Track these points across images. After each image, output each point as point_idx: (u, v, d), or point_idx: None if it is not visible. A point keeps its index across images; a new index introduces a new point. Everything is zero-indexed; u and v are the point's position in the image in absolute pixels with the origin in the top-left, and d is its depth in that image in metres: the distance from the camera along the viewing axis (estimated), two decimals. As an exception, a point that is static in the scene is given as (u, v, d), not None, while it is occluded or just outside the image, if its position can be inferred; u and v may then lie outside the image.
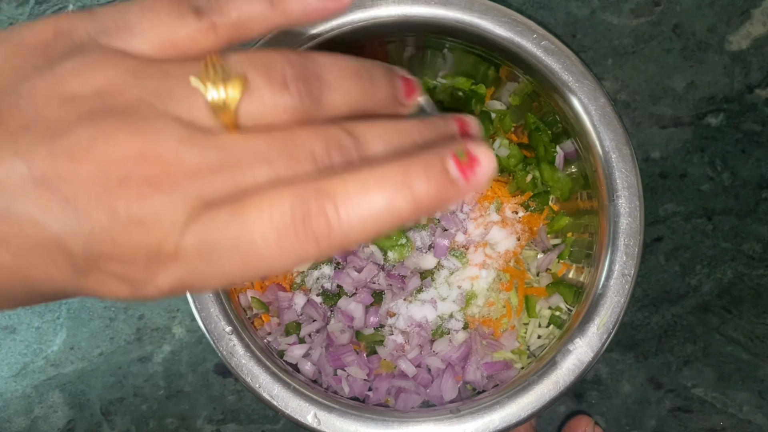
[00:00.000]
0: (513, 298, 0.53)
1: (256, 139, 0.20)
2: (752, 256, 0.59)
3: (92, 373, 0.60)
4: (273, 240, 0.19)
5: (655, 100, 0.61)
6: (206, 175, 0.19)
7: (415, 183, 0.19)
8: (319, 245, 0.19)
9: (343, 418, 0.45)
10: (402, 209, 0.19)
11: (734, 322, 0.59)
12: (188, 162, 0.19)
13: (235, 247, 0.19)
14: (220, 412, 0.60)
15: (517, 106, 0.56)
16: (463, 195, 0.20)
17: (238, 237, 0.19)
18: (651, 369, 0.59)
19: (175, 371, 0.60)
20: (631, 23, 0.61)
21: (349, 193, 0.19)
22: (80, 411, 0.60)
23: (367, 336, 0.53)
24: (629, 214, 0.46)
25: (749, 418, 0.58)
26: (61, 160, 0.18)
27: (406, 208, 0.19)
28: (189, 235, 0.19)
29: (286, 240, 0.19)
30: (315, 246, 0.19)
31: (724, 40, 0.61)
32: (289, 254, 0.19)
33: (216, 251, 0.19)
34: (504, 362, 0.51)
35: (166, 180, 0.19)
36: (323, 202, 0.19)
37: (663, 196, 0.60)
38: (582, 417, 0.56)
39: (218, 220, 0.19)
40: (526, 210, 0.55)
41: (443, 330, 0.52)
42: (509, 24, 0.47)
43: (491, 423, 0.45)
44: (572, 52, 0.48)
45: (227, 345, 0.46)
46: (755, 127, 0.60)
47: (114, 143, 0.19)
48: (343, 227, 0.19)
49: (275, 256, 0.19)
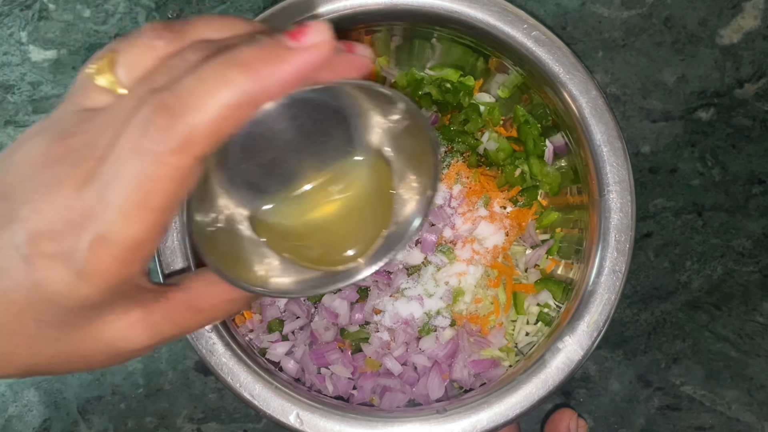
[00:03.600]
0: (501, 295, 0.52)
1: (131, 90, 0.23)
2: (742, 252, 0.59)
3: (68, 371, 0.58)
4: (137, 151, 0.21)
5: (645, 94, 0.60)
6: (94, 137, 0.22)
7: (247, 56, 0.21)
8: (174, 135, 0.20)
9: (326, 419, 0.44)
10: (240, 82, 0.21)
11: (723, 319, 0.58)
12: (79, 134, 0.23)
13: (117, 178, 0.21)
14: (200, 410, 0.58)
15: (506, 98, 0.55)
16: (301, 57, 0.22)
17: (116, 167, 0.21)
18: (640, 367, 0.58)
19: (154, 369, 0.58)
20: (622, 16, 0.60)
21: (183, 82, 0.21)
22: (56, 410, 0.58)
23: (351, 333, 0.52)
24: (620, 209, 0.45)
25: (738, 416, 0.58)
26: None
27: (245, 81, 0.21)
28: (86, 191, 0.21)
29: (146, 144, 0.21)
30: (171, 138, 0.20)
31: (715, 33, 0.60)
32: (158, 158, 0.21)
33: (108, 189, 0.21)
34: (491, 360, 0.50)
35: (66, 155, 0.22)
36: (162, 97, 0.21)
37: (653, 192, 0.59)
38: (565, 410, 0.55)
39: (102, 166, 0.21)
40: (514, 205, 0.54)
41: (430, 327, 0.51)
42: (499, 13, 0.46)
43: (479, 423, 0.44)
44: (563, 43, 0.47)
45: (207, 343, 0.45)
46: (746, 122, 0.60)
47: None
48: (186, 112, 0.21)
49: (148, 166, 0.21)
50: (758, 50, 0.60)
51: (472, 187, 0.53)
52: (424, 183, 0.28)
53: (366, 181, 0.28)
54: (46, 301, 0.22)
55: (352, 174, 0.27)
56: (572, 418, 0.55)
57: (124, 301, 0.24)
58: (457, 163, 0.53)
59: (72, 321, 0.23)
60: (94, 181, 0.21)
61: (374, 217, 0.28)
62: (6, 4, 0.61)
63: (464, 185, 0.53)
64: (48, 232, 0.21)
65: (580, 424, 0.55)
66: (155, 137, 0.20)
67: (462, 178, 0.53)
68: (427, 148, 0.27)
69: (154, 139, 0.20)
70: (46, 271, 0.22)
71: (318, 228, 0.28)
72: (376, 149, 0.28)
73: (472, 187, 0.53)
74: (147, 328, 0.26)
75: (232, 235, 0.27)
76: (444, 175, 0.53)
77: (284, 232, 0.27)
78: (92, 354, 0.25)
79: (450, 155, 0.53)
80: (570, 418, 0.55)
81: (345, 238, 0.28)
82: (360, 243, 0.28)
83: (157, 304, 0.26)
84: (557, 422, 0.55)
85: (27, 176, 0.23)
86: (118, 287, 0.23)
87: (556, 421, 0.55)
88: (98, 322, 0.24)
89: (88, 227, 0.21)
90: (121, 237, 0.21)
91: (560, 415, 0.55)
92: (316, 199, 0.27)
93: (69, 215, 0.21)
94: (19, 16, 0.61)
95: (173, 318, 0.26)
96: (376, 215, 0.28)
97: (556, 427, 0.55)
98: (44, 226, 0.22)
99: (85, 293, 0.22)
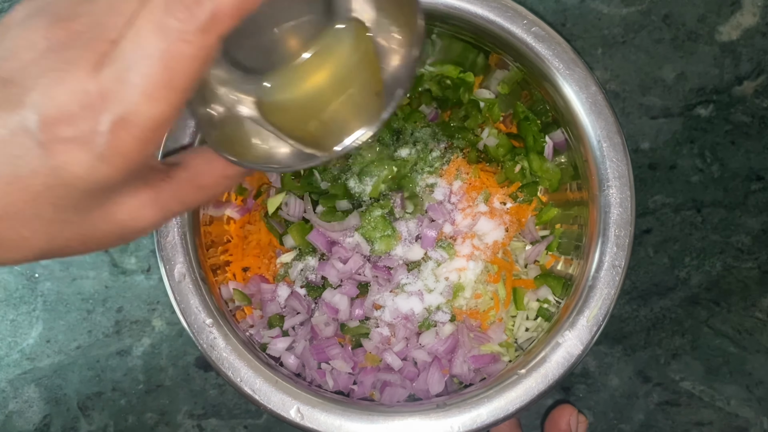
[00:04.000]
0: (501, 290, 0.52)
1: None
2: (741, 248, 0.59)
3: (69, 367, 0.58)
4: (162, 31, 0.20)
5: (644, 91, 0.60)
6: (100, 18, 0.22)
7: None
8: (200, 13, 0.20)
9: (327, 413, 0.44)
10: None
11: (723, 315, 0.59)
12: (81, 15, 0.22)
13: (141, 58, 0.20)
14: (201, 406, 0.58)
15: (506, 95, 0.55)
16: None
17: (138, 48, 0.21)
18: (639, 362, 0.58)
19: (154, 365, 0.58)
20: (621, 12, 0.60)
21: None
22: (56, 406, 0.58)
23: (352, 328, 0.52)
24: (620, 204, 0.46)
25: (737, 411, 0.58)
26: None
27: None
28: (104, 73, 0.21)
29: (171, 23, 0.20)
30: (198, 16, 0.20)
31: (714, 30, 0.60)
32: (184, 37, 0.20)
33: (130, 71, 0.21)
34: (491, 355, 0.51)
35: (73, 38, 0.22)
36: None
37: (652, 188, 0.59)
38: (565, 406, 0.55)
39: (122, 47, 0.21)
40: (514, 201, 0.54)
41: (430, 322, 0.51)
42: (499, 9, 0.46)
43: (479, 417, 0.44)
44: (563, 39, 0.47)
45: (208, 338, 0.45)
46: (745, 118, 0.60)
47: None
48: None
49: (173, 44, 0.20)
50: (757, 47, 0.60)
51: (472, 183, 0.53)
52: (407, 42, 0.28)
53: (350, 49, 0.28)
54: (64, 186, 0.22)
55: (336, 43, 0.28)
56: (572, 414, 0.55)
57: (135, 182, 0.25)
58: (457, 159, 0.53)
59: (88, 203, 0.24)
60: (112, 62, 0.21)
61: (362, 85, 0.29)
62: (6, 1, 0.61)
63: (464, 181, 0.53)
64: (64, 116, 0.21)
65: (580, 420, 0.55)
66: (180, 15, 0.20)
67: (462, 174, 0.53)
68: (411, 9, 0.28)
69: (179, 17, 0.20)
70: (64, 156, 0.22)
71: (313, 101, 0.28)
72: (355, 16, 0.29)
73: (472, 183, 0.53)
74: (156, 207, 0.26)
75: (229, 118, 0.28)
76: (444, 172, 0.53)
77: (283, 109, 0.28)
78: (105, 234, 0.26)
79: (450, 151, 0.54)
80: (570, 414, 0.55)
81: (339, 111, 0.29)
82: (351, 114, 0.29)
83: (164, 183, 0.27)
84: (557, 418, 0.55)
85: (30, 61, 0.22)
86: (135, 167, 0.23)
87: (557, 417, 0.55)
88: (112, 203, 0.25)
89: (108, 109, 0.21)
90: (143, 118, 0.21)
91: (560, 411, 0.55)
92: (306, 72, 0.28)
93: (85, 98, 0.21)
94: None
95: (179, 195, 0.27)
96: (363, 82, 0.29)
97: (556, 423, 0.55)
98: (59, 110, 0.21)
99: (106, 175, 0.22)
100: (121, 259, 0.59)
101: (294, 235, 0.52)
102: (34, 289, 0.58)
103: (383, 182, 0.52)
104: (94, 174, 0.22)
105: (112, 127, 0.21)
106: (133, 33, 0.21)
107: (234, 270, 0.53)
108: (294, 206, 0.52)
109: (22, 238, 0.24)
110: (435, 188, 0.52)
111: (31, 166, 0.22)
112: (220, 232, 0.53)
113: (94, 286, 0.59)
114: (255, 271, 0.54)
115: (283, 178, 0.54)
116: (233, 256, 0.54)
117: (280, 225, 0.54)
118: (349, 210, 0.52)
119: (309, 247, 0.52)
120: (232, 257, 0.54)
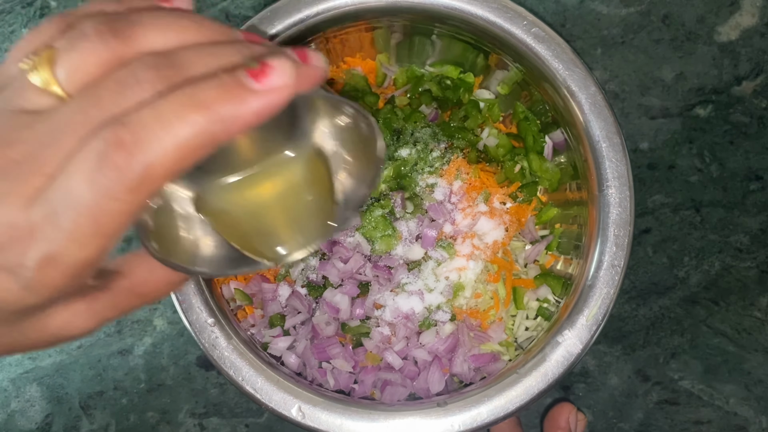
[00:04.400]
0: (501, 290, 0.53)
1: (73, 100, 0.21)
2: (740, 248, 0.59)
3: (71, 366, 0.58)
4: (92, 185, 0.20)
5: (643, 91, 0.60)
6: (37, 149, 0.21)
7: (207, 95, 0.20)
8: (130, 174, 0.20)
9: (328, 412, 0.44)
10: (199, 122, 0.20)
11: (721, 314, 0.59)
12: (19, 142, 0.21)
13: (70, 206, 0.20)
14: (202, 405, 0.58)
15: (506, 95, 0.55)
16: (262, 100, 0.21)
17: (68, 195, 0.20)
18: (638, 361, 0.59)
19: (156, 364, 0.59)
20: (621, 13, 0.60)
21: (140, 118, 0.20)
22: (58, 405, 0.58)
23: (353, 328, 0.52)
24: (619, 204, 0.46)
25: (735, 410, 0.58)
26: None
27: (205, 121, 0.20)
28: (34, 210, 0.21)
29: (102, 180, 0.20)
30: (127, 176, 0.20)
31: (713, 31, 0.60)
32: (113, 195, 0.20)
33: (59, 215, 0.20)
34: (491, 354, 0.51)
35: (8, 167, 0.21)
36: (117, 132, 0.20)
37: (651, 188, 0.60)
38: (564, 404, 0.56)
39: (53, 188, 0.20)
40: (514, 201, 0.54)
41: (430, 322, 0.52)
42: (499, 10, 0.46)
43: (479, 416, 0.44)
44: (563, 40, 0.47)
45: (209, 337, 0.45)
46: (743, 118, 0.60)
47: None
48: (143, 151, 0.20)
49: (102, 200, 0.20)
50: (756, 47, 0.60)
51: (472, 183, 0.53)
52: (364, 180, 0.29)
53: (303, 174, 0.28)
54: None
55: (290, 165, 0.28)
56: (572, 412, 0.55)
57: (67, 297, 0.25)
58: (457, 159, 0.53)
59: (17, 319, 0.24)
60: (43, 202, 0.21)
61: (308, 210, 0.29)
62: (7, 2, 0.61)
63: (464, 181, 0.53)
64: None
65: (579, 418, 0.55)
66: (110, 174, 0.20)
67: (462, 174, 0.53)
68: (372, 150, 0.28)
69: (108, 176, 0.20)
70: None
71: (255, 213, 0.28)
72: (317, 145, 0.29)
73: (472, 183, 0.53)
74: (90, 316, 0.26)
75: (170, 215, 0.28)
76: (444, 171, 0.53)
77: (222, 211, 0.28)
78: (35, 342, 0.26)
79: (450, 151, 0.54)
80: (569, 412, 0.55)
81: (280, 228, 0.29)
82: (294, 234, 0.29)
83: (101, 294, 0.26)
84: (557, 416, 0.55)
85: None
86: (64, 293, 0.23)
87: (556, 415, 0.55)
88: (43, 316, 0.25)
89: (35, 246, 0.21)
90: (71, 259, 0.21)
91: (560, 409, 0.56)
92: (253, 186, 0.27)
93: (13, 232, 0.21)
94: (21, 13, 0.61)
95: (116, 304, 0.27)
96: (310, 207, 0.29)
97: (555, 420, 0.55)
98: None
99: (33, 303, 0.22)
100: (123, 258, 0.59)
101: (295, 234, 0.52)
102: (36, 288, 0.59)
103: (384, 182, 0.52)
104: (20, 301, 0.22)
105: (39, 263, 0.21)
106: (64, 177, 0.20)
107: (235, 269, 0.53)
108: (295, 206, 0.53)
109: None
110: (435, 188, 0.53)
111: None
112: (222, 232, 0.53)
113: (96, 285, 0.59)
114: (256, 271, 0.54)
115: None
116: (234, 255, 0.54)
117: (281, 225, 0.54)
118: (350, 210, 0.52)
119: (310, 247, 0.52)
120: (233, 257, 0.54)
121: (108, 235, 0.21)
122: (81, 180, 0.20)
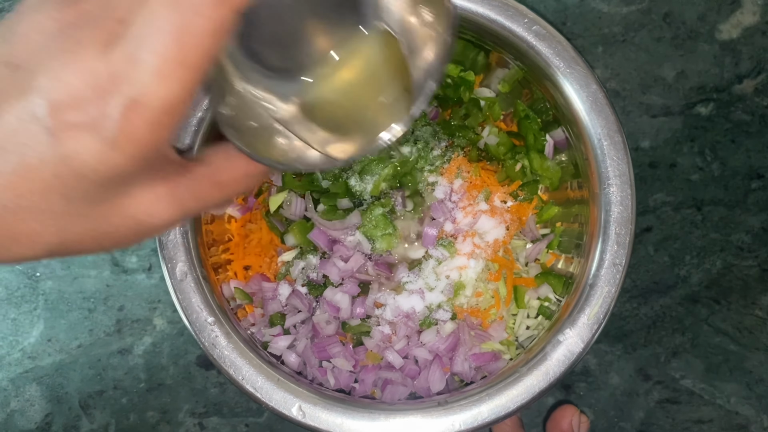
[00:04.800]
0: (501, 289, 0.53)
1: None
2: (741, 246, 0.59)
3: (70, 366, 0.58)
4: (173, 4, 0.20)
5: (645, 89, 0.60)
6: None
7: None
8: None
9: (328, 411, 0.44)
10: None
11: (723, 313, 0.59)
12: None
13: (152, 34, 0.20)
14: (202, 405, 0.58)
15: (507, 93, 0.55)
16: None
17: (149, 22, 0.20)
18: (639, 360, 0.58)
19: (156, 364, 0.58)
20: (622, 11, 0.60)
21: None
22: (58, 404, 0.58)
23: (353, 327, 0.52)
24: (620, 202, 0.46)
25: (737, 409, 0.58)
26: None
27: None
28: (114, 54, 0.20)
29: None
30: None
31: (714, 29, 0.60)
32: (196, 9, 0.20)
33: (140, 50, 0.20)
34: (492, 353, 0.51)
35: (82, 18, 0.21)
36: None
37: (652, 186, 0.60)
38: (567, 406, 0.55)
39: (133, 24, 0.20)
40: (515, 199, 0.54)
41: (431, 321, 0.52)
42: (500, 8, 0.46)
43: (480, 415, 0.44)
44: (564, 38, 0.47)
45: (209, 336, 0.45)
46: (745, 117, 0.60)
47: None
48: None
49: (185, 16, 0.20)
50: (757, 46, 0.60)
51: (473, 182, 0.53)
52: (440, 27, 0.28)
53: (376, 48, 0.28)
54: (75, 175, 0.21)
55: (362, 43, 0.28)
56: (575, 415, 0.55)
57: (150, 174, 0.24)
58: (457, 158, 0.53)
59: (100, 195, 0.23)
60: (123, 40, 0.20)
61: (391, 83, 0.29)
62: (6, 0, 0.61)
63: (465, 179, 0.53)
64: (72, 100, 0.20)
65: (582, 421, 0.55)
66: None
67: (463, 172, 0.53)
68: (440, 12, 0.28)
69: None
70: (74, 144, 0.21)
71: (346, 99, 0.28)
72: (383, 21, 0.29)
73: (473, 182, 0.53)
74: (172, 203, 0.25)
75: (251, 117, 0.28)
76: (445, 170, 0.53)
77: (314, 107, 0.28)
78: (118, 230, 0.25)
79: (451, 150, 0.54)
80: (572, 415, 0.55)
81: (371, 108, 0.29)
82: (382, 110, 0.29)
83: (181, 178, 0.26)
84: (559, 419, 0.55)
85: (39, 44, 0.21)
86: (149, 155, 0.22)
87: (558, 418, 0.55)
88: (125, 196, 0.24)
89: (119, 91, 0.20)
90: (156, 99, 0.20)
91: (562, 412, 0.55)
92: (338, 71, 0.27)
93: (95, 80, 0.20)
94: (21, 11, 0.61)
95: (197, 192, 0.26)
96: (392, 80, 0.29)
97: (558, 423, 0.55)
98: (67, 94, 0.20)
99: (117, 163, 0.21)
100: (123, 257, 0.59)
101: (295, 233, 0.52)
102: (36, 287, 0.58)
103: (384, 180, 0.52)
104: (105, 162, 0.21)
105: (122, 110, 0.20)
106: (143, 8, 0.20)
107: (235, 268, 0.53)
108: (295, 205, 0.53)
109: (33, 232, 0.23)
110: (436, 186, 0.53)
111: (39, 156, 0.21)
112: (222, 231, 0.53)
113: (96, 284, 0.59)
114: (256, 269, 0.54)
115: (285, 176, 0.54)
116: (234, 254, 0.54)
117: (282, 223, 0.54)
118: (350, 208, 0.52)
119: (310, 246, 0.52)
120: (233, 256, 0.54)
121: (193, 65, 0.20)
122: (161, 3, 0.20)
